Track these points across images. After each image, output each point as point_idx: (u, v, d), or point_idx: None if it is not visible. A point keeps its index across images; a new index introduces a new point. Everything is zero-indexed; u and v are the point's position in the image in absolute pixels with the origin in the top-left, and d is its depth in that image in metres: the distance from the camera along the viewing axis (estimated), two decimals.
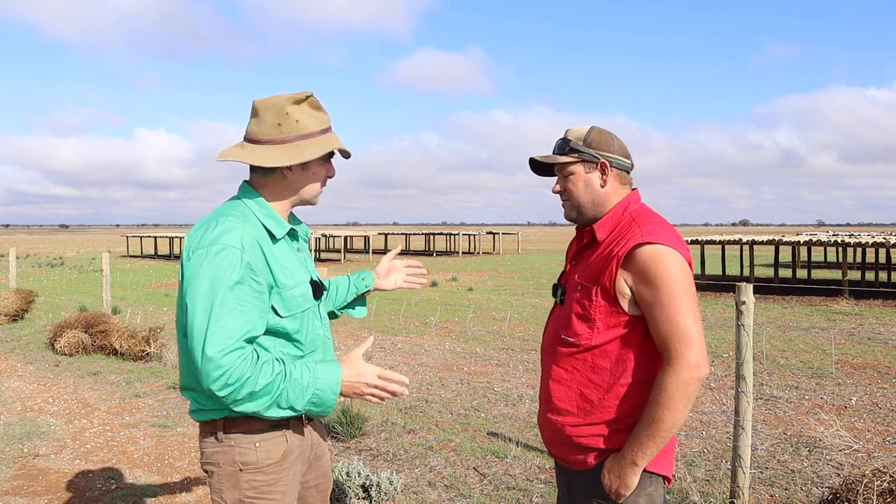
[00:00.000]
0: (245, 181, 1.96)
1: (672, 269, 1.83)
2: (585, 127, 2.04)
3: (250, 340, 1.77)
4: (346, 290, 2.33)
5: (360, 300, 2.39)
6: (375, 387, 1.87)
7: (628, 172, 2.06)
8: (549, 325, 2.14)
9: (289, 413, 1.78)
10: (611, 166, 2.00)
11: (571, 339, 1.97)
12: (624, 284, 1.88)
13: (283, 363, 1.77)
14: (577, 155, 2.00)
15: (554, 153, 2.06)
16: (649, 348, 1.90)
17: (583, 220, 2.05)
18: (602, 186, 2.01)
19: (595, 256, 1.97)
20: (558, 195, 2.09)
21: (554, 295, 2.14)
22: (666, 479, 1.97)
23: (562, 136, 2.06)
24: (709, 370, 1.82)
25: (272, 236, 1.88)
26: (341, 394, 1.83)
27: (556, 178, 2.09)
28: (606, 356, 1.92)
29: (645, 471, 1.88)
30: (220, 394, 1.69)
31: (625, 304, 1.89)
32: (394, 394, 1.88)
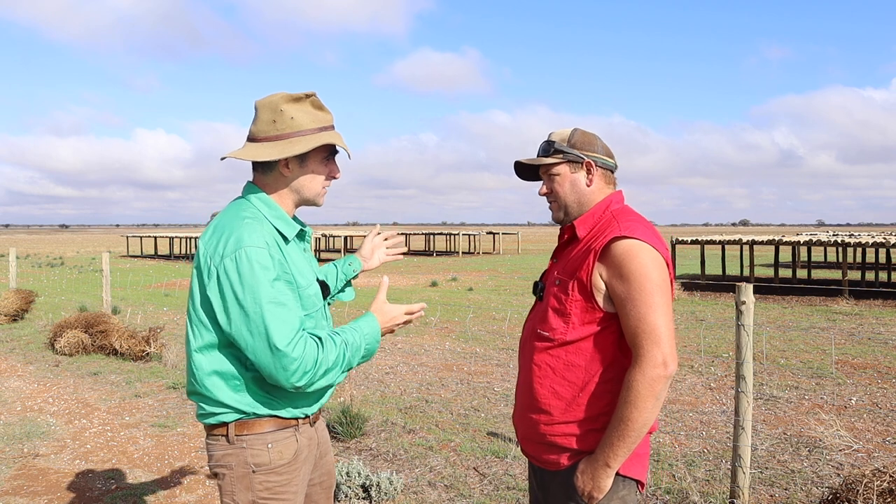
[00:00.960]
0: (249, 181, 1.97)
1: (646, 265, 1.83)
2: (568, 129, 2.06)
3: (304, 332, 1.82)
4: (336, 277, 2.35)
5: (347, 284, 2.43)
6: (405, 322, 2.05)
7: (612, 172, 2.08)
8: (528, 322, 2.13)
9: (344, 374, 1.89)
10: (596, 165, 2.02)
11: (546, 334, 1.96)
12: (599, 279, 1.87)
13: (338, 333, 1.87)
14: (561, 156, 2.01)
15: (538, 156, 2.07)
16: (625, 346, 1.89)
17: (569, 220, 2.05)
18: (588, 185, 2.02)
19: (575, 252, 1.98)
20: (545, 197, 2.10)
21: (534, 292, 2.14)
22: (640, 483, 1.95)
23: (545, 140, 2.07)
24: (676, 368, 1.82)
25: (284, 237, 1.90)
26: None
27: (542, 181, 2.10)
28: (581, 353, 1.90)
29: (618, 474, 1.87)
30: (301, 382, 1.76)
31: (600, 300, 1.88)
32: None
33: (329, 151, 1.96)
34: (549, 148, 2.04)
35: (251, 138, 1.92)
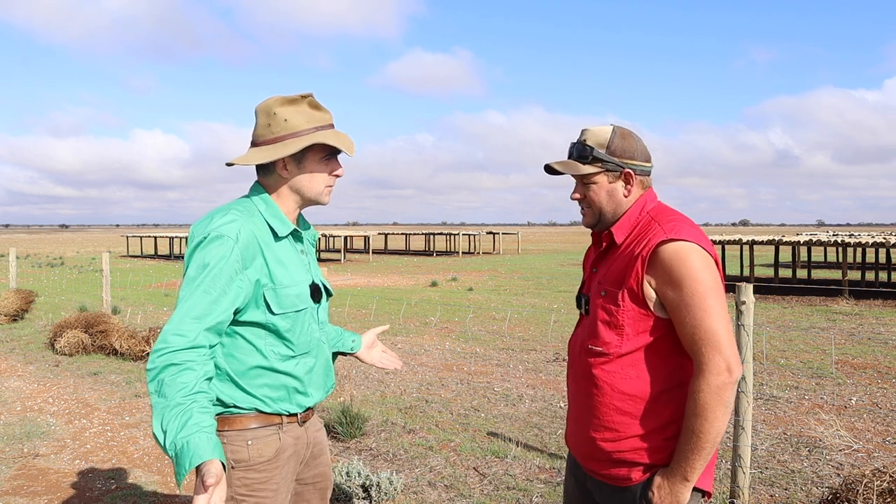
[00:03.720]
0: (256, 181, 2.01)
1: (697, 268, 1.74)
2: (607, 129, 1.89)
3: (219, 332, 1.78)
4: (334, 342, 2.24)
5: (334, 356, 2.26)
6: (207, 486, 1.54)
7: (649, 175, 1.95)
8: (575, 338, 2.02)
9: (159, 435, 1.61)
10: (635, 174, 1.89)
11: (600, 349, 1.86)
12: (649, 287, 1.79)
13: (200, 403, 1.63)
14: (600, 164, 1.88)
15: (573, 158, 1.92)
16: (683, 351, 1.81)
17: (602, 226, 1.95)
18: (626, 196, 1.90)
19: (616, 259, 1.88)
20: (577, 201, 1.96)
21: (578, 306, 2.03)
22: (707, 494, 1.87)
23: (580, 139, 1.91)
24: (741, 371, 1.74)
25: (275, 234, 1.92)
26: (197, 468, 1.56)
27: (575, 183, 1.95)
28: (639, 365, 1.82)
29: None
30: (148, 365, 1.70)
31: (652, 307, 1.80)
32: None
33: (328, 150, 1.97)
34: (585, 153, 1.88)
35: (252, 143, 1.96)
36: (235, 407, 1.86)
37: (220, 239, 1.79)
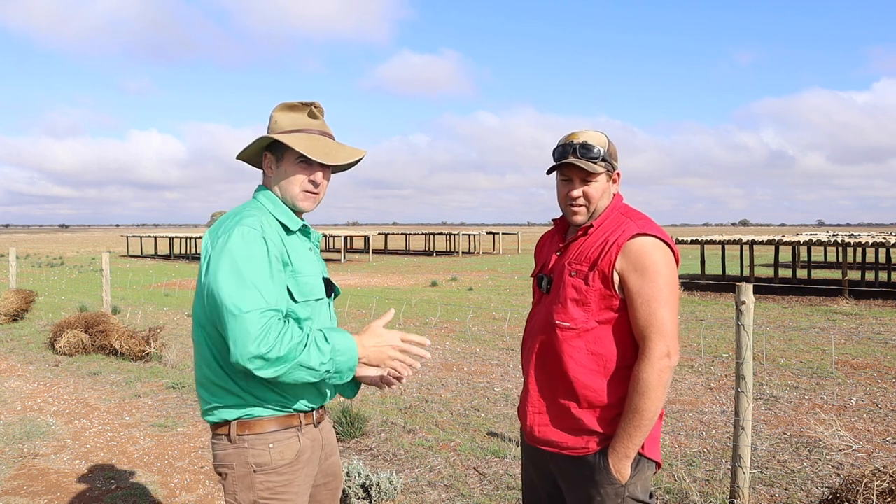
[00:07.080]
0: (259, 185, 2.08)
1: (660, 262, 1.97)
2: (601, 135, 2.08)
3: (280, 311, 1.80)
4: None
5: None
6: (401, 351, 1.91)
7: None
8: (537, 315, 2.18)
9: (308, 377, 1.76)
10: (618, 176, 2.15)
11: (567, 324, 2.03)
12: (617, 271, 1.99)
13: (304, 333, 1.78)
14: (605, 164, 2.07)
15: (585, 158, 2.04)
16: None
17: (587, 222, 2.10)
18: (613, 194, 2.13)
19: (587, 244, 2.06)
20: (575, 198, 2.08)
21: (539, 286, 2.19)
22: (657, 464, 2.09)
23: (582, 141, 2.05)
24: (678, 359, 1.97)
25: (287, 229, 1.95)
26: (369, 362, 1.88)
27: (573, 180, 2.08)
28: (600, 341, 2.01)
29: (643, 456, 2.00)
30: (259, 351, 1.67)
31: (617, 289, 2.00)
32: (416, 360, 1.93)
33: (302, 155, 1.95)
34: (595, 153, 2.04)
35: None
36: (262, 406, 1.87)
37: (246, 229, 1.82)
